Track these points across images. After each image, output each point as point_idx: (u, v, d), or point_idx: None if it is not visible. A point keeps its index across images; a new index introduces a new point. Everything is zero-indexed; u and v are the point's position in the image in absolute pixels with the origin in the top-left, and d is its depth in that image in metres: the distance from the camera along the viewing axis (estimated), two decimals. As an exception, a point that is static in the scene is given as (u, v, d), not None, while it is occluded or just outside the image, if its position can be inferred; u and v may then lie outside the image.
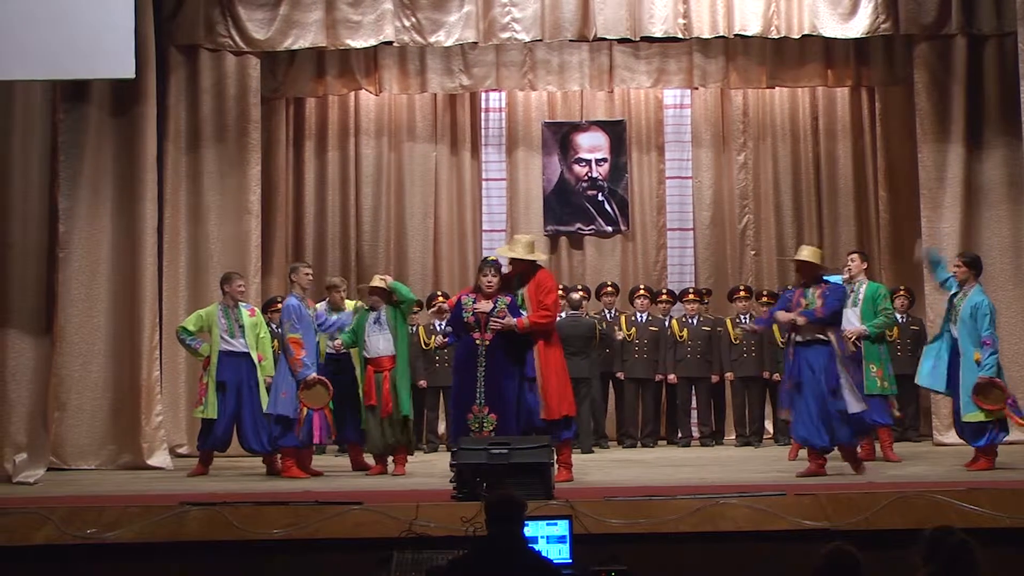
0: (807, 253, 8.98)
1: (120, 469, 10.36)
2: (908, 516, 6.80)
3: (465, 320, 8.61)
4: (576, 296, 11.76)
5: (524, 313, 8.57)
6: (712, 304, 12.88)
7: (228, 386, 9.86)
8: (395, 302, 9.49)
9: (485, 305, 8.57)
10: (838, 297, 8.75)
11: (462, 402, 8.55)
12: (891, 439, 9.97)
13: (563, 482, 8.10)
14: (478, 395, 8.45)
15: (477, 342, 8.56)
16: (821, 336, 8.62)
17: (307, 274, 9.88)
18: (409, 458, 9.53)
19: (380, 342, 9.44)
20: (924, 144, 11.72)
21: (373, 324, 9.44)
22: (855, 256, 10.24)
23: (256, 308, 10.48)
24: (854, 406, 8.54)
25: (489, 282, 8.67)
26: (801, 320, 8.62)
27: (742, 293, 12.33)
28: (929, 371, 9.26)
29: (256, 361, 9.94)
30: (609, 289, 12.42)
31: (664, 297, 12.35)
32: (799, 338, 8.68)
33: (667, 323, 12.12)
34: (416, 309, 11.28)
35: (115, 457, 10.52)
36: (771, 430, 12.29)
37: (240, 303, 10.10)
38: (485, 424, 8.41)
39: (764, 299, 12.13)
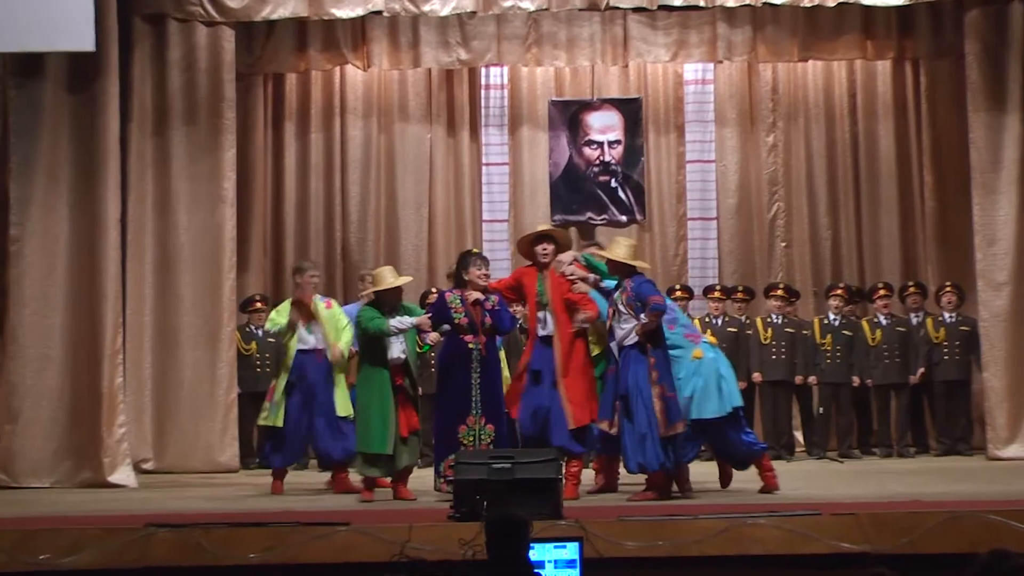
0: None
1: (78, 487, 10.33)
2: (959, 539, 6.76)
3: (456, 322, 8.53)
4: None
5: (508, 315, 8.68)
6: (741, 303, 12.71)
7: (300, 388, 9.60)
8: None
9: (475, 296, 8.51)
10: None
11: (451, 414, 8.47)
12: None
13: (569, 500, 8.04)
14: (473, 405, 8.38)
15: (470, 346, 8.47)
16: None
17: (313, 277, 9.73)
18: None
19: (395, 348, 8.92)
20: (976, 122, 11.65)
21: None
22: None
23: (333, 300, 10.16)
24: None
25: (485, 274, 8.59)
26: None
27: (780, 291, 12.26)
28: None
29: (337, 355, 9.61)
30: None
31: (679, 293, 12.25)
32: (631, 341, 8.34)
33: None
34: None
35: (72, 474, 10.49)
36: (802, 441, 12.26)
37: (315, 295, 9.87)
38: (482, 436, 8.35)
39: (777, 293, 12.20)
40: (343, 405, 9.62)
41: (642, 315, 8.16)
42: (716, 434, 8.58)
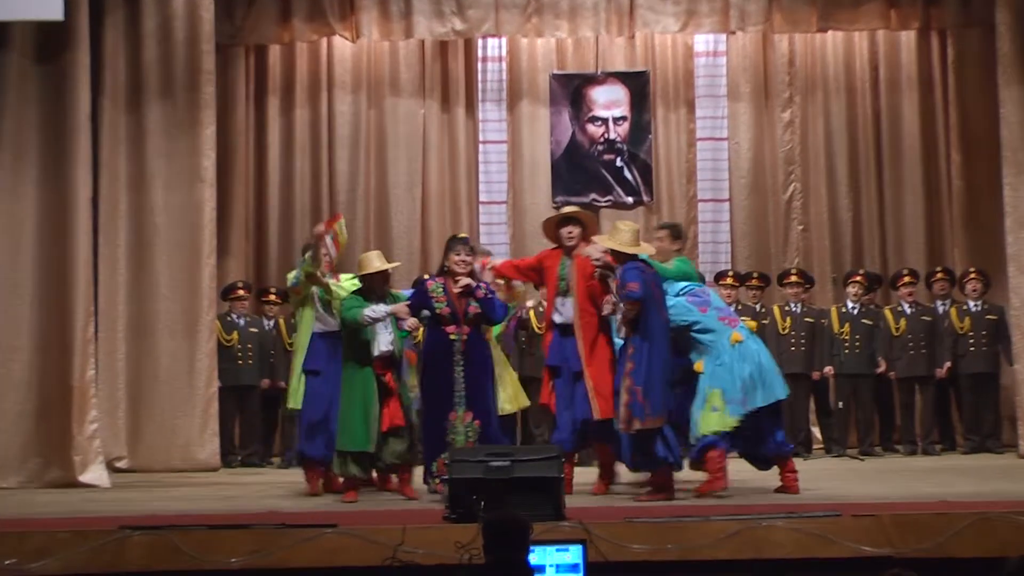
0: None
1: (47, 487, 10.31)
2: (989, 541, 6.75)
3: (437, 312, 8.51)
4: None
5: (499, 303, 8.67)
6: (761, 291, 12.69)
7: (325, 375, 9.22)
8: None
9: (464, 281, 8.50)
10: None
11: (436, 409, 8.46)
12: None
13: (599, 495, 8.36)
14: (457, 399, 8.36)
15: (452, 337, 8.45)
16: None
17: (325, 255, 9.43)
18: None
19: (383, 339, 8.88)
20: (1007, 97, 11.63)
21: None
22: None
23: (340, 276, 9.76)
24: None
25: (464, 260, 8.56)
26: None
27: (794, 277, 12.25)
28: None
29: None
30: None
31: (729, 280, 12.24)
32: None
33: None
34: None
35: (41, 472, 10.47)
36: (819, 437, 12.25)
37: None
38: (468, 433, 8.32)
39: (791, 280, 12.23)
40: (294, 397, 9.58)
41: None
42: (751, 427, 8.53)
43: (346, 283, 9.46)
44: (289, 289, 9.70)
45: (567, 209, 9.59)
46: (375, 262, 8.99)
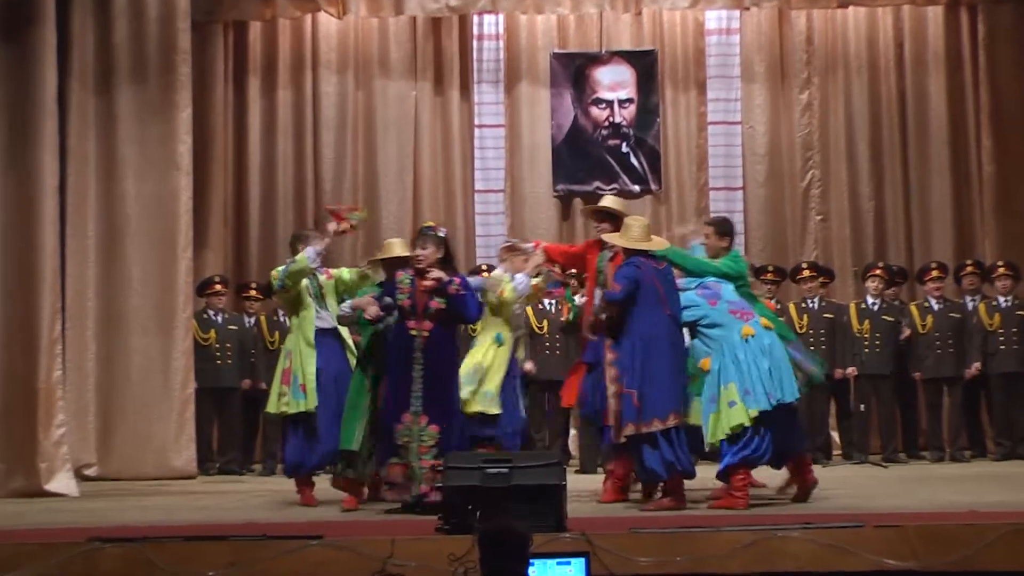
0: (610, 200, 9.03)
1: (11, 496, 10.28)
2: (1022, 554, 6.73)
3: (399, 304, 8.47)
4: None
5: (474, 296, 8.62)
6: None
7: (326, 376, 9.09)
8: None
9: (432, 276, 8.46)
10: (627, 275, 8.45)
11: (390, 410, 8.43)
12: None
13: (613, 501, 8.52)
14: (412, 401, 8.33)
15: (412, 332, 8.41)
16: None
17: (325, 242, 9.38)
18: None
19: None
20: (1042, 77, 11.67)
21: None
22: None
23: (331, 270, 9.57)
24: None
25: (418, 256, 8.49)
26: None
27: (806, 272, 12.26)
28: None
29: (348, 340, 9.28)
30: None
31: (770, 275, 12.24)
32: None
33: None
34: None
35: (3, 481, 10.45)
36: (839, 442, 12.26)
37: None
38: (423, 438, 8.26)
39: (804, 274, 12.25)
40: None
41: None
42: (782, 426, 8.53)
43: (346, 275, 9.44)
44: (277, 290, 9.53)
45: (604, 202, 9.60)
46: (395, 248, 9.06)
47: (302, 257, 9.09)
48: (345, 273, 9.38)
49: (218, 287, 12.22)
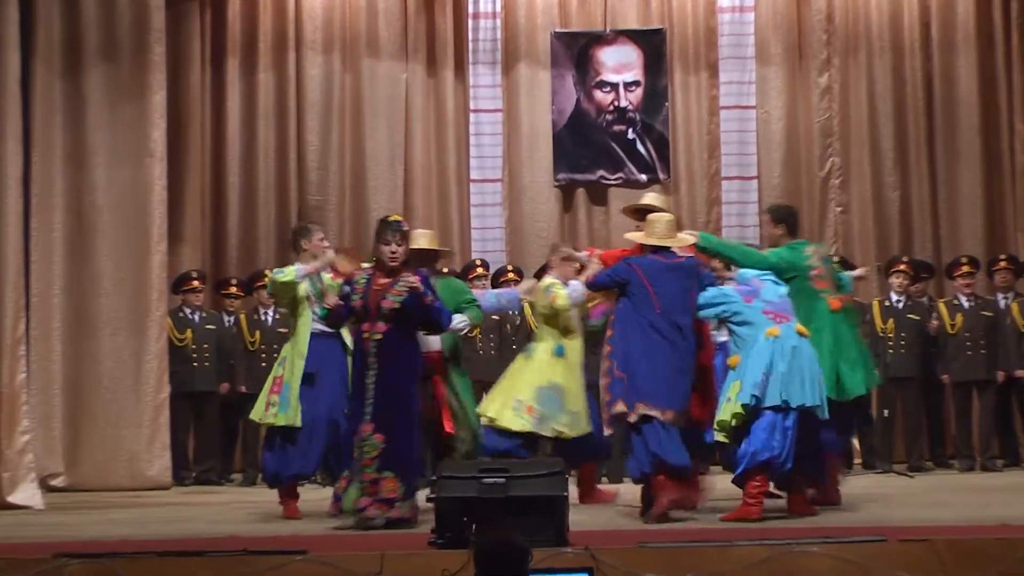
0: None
1: (-28, 508, 10.32)
2: (1057, 570, 6.74)
3: (352, 305, 8.43)
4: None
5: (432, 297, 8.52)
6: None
7: (319, 380, 9.12)
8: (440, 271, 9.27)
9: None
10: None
11: (352, 419, 8.41)
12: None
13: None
14: (367, 409, 8.30)
15: (365, 335, 8.39)
16: None
17: (324, 241, 9.44)
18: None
19: (432, 339, 8.93)
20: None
21: None
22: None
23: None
24: None
25: (393, 252, 8.45)
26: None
27: (903, 266, 12.25)
28: None
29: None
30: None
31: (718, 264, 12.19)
32: None
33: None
34: None
35: (-36, 492, 10.48)
36: (859, 449, 12.28)
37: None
38: (366, 449, 8.19)
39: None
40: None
41: None
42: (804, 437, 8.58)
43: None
44: (278, 286, 9.41)
45: (645, 199, 9.63)
46: (420, 240, 9.09)
47: (290, 271, 9.13)
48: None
49: (195, 283, 12.22)
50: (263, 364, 11.76)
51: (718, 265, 9.31)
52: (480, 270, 12.17)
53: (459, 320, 9.05)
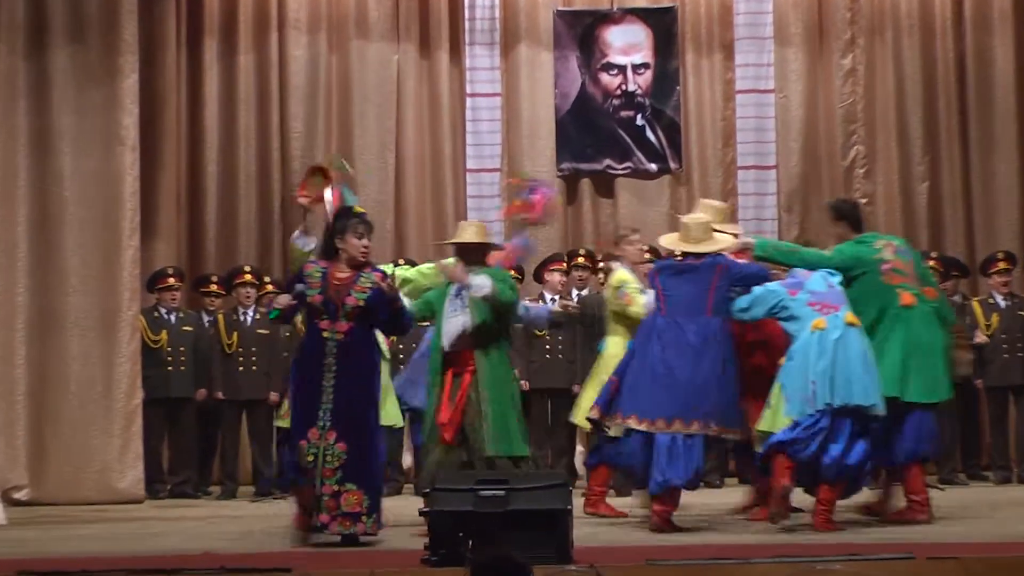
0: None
1: (-70, 523, 10.31)
2: (1100, 589, 6.73)
3: (309, 300, 8.35)
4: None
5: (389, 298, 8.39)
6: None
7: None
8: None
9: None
10: None
11: (298, 424, 8.35)
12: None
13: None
14: (321, 415, 8.24)
15: (325, 334, 8.34)
16: None
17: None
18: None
19: (459, 327, 8.89)
20: None
21: (454, 298, 8.99)
22: None
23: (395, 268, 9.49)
24: None
25: (365, 246, 8.38)
26: None
27: (931, 262, 12.17)
28: None
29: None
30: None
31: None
32: None
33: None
34: None
35: (-78, 505, 10.47)
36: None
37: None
38: (328, 459, 8.14)
39: None
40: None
41: None
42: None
43: (410, 273, 9.51)
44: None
45: (704, 209, 9.66)
46: (468, 232, 9.09)
47: (292, 246, 9.20)
48: (407, 272, 9.39)
49: (171, 281, 12.18)
50: (240, 369, 11.76)
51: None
52: (582, 259, 12.18)
53: (480, 283, 8.73)
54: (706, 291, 8.74)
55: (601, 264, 11.52)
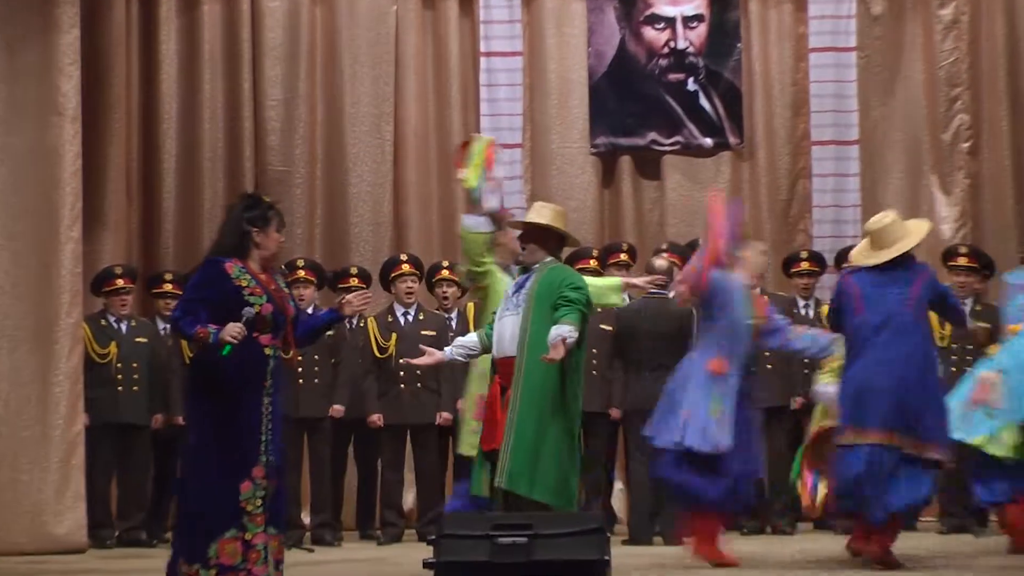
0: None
1: None
2: None
3: (260, 313, 8.17)
4: (662, 262, 11.68)
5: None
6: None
7: None
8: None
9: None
10: None
11: (230, 461, 8.19)
12: None
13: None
14: (263, 447, 8.12)
15: (267, 351, 8.21)
16: None
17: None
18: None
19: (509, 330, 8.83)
20: None
21: (511, 296, 8.92)
22: None
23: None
24: None
25: (282, 242, 8.28)
26: None
27: (962, 259, 12.14)
28: None
29: None
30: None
31: (805, 265, 12.35)
32: None
33: (803, 306, 12.19)
34: None
35: None
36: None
37: None
38: (257, 500, 7.98)
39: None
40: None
41: None
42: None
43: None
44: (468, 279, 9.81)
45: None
46: (544, 214, 9.00)
47: (468, 235, 9.57)
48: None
49: (120, 282, 12.15)
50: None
51: None
52: (624, 256, 12.23)
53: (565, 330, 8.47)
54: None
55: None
